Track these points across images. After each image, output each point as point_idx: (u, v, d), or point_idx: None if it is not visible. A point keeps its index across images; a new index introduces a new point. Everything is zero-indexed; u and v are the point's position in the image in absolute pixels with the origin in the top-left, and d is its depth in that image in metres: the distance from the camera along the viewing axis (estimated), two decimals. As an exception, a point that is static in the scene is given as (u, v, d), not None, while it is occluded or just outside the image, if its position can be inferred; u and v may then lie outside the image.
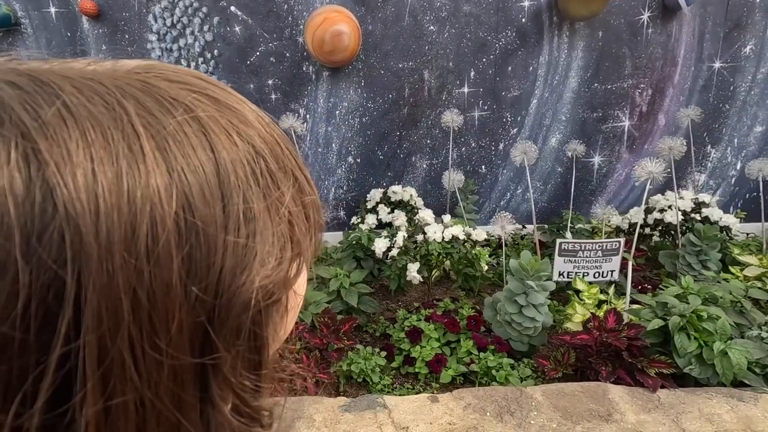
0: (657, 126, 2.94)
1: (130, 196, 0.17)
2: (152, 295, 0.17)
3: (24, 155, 0.16)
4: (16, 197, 0.15)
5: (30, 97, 0.18)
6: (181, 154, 0.19)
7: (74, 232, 0.16)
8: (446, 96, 2.91)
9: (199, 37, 2.73)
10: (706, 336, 1.40)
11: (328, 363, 1.60)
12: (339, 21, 2.49)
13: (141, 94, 0.20)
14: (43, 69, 0.20)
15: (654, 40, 2.82)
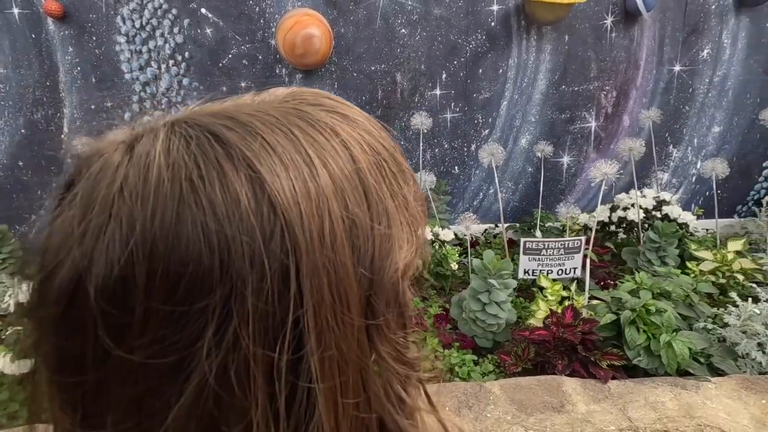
0: (622, 127, 3.04)
1: (318, 203, 0.23)
2: (338, 275, 0.23)
3: (250, 180, 0.23)
4: (253, 210, 0.22)
5: (241, 136, 0.24)
6: (336, 166, 0.25)
7: (290, 232, 0.22)
8: (419, 98, 2.96)
9: (170, 39, 2.72)
10: (654, 329, 1.48)
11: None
12: (310, 24, 2.51)
13: (299, 120, 0.26)
14: (236, 111, 0.26)
15: (617, 44, 2.91)
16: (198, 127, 0.24)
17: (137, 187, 0.22)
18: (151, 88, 2.77)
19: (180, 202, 0.22)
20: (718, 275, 2.25)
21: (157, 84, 2.77)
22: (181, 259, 0.21)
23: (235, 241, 0.21)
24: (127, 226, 0.22)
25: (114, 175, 0.23)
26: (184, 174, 0.22)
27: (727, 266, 2.26)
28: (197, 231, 0.21)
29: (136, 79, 2.74)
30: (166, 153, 0.23)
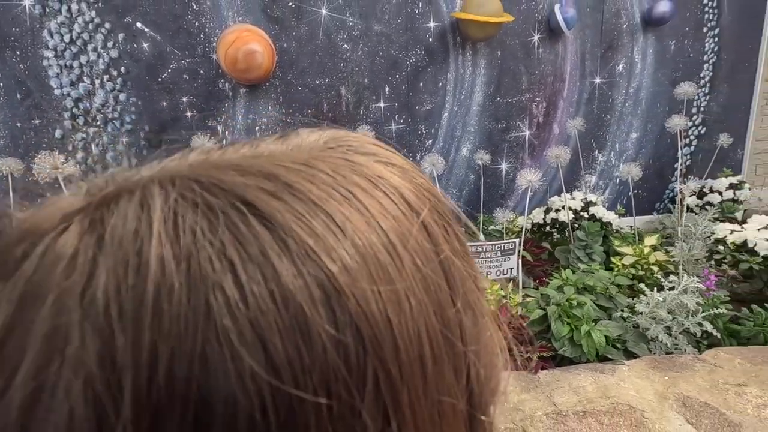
0: (552, 135, 3.29)
1: (412, 315, 0.16)
2: (444, 421, 0.17)
3: (320, 287, 0.15)
4: (333, 342, 0.15)
5: (291, 208, 0.16)
6: (418, 249, 0.18)
7: (387, 372, 0.15)
8: (363, 111, 3.05)
9: (103, 54, 2.63)
10: (576, 321, 1.64)
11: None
12: (251, 40, 2.53)
13: (357, 177, 0.18)
14: (270, 164, 0.18)
15: (544, 59, 3.16)
16: (222, 193, 0.16)
17: (129, 287, 0.14)
18: (84, 104, 2.66)
19: (206, 330, 0.14)
20: (638, 268, 2.49)
21: (91, 100, 2.67)
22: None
23: (306, 401, 0.14)
24: (102, 352, 0.13)
25: (71, 265, 0.14)
26: (212, 272, 0.14)
27: (644, 259, 2.50)
28: (237, 381, 0.14)
29: (66, 95, 2.62)
30: (172, 230, 0.15)
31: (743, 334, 1.89)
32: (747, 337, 1.88)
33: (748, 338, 1.88)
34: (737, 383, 1.56)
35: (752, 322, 1.90)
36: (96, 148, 2.73)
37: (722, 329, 1.89)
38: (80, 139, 2.70)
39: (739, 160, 3.60)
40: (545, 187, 3.37)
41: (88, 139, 2.71)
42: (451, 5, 2.98)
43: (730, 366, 1.66)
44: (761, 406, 1.45)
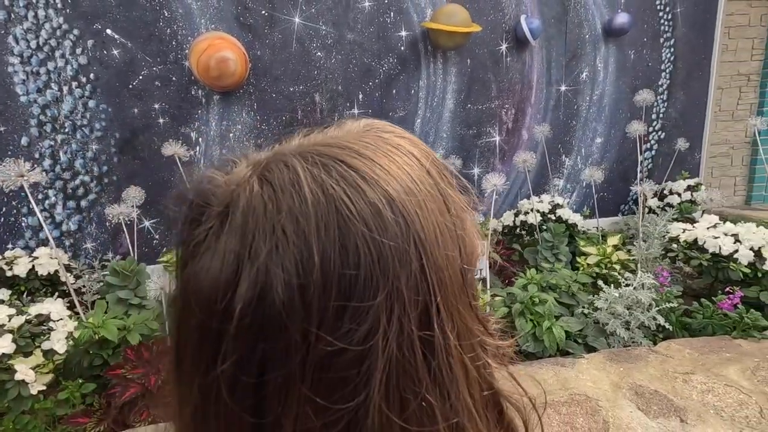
0: (521, 140, 3.41)
1: (427, 212, 0.28)
2: (452, 267, 0.29)
3: (383, 196, 0.27)
4: (392, 221, 0.27)
5: (363, 162, 0.28)
6: (424, 181, 0.29)
7: (418, 237, 0.27)
8: (338, 117, 3.09)
9: (72, 61, 2.60)
10: (538, 317, 1.72)
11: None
12: (223, 48, 2.55)
13: (387, 146, 0.30)
14: (345, 142, 0.29)
15: (512, 67, 3.28)
16: (328, 158, 0.28)
17: (300, 208, 0.25)
18: (52, 111, 2.62)
19: (339, 217, 0.25)
20: (601, 267, 2.61)
21: (59, 106, 2.63)
22: (352, 264, 0.25)
23: (385, 246, 0.26)
24: (298, 242, 0.25)
25: (266, 202, 0.26)
26: (336, 194, 0.26)
27: (607, 259, 2.63)
28: (359, 240, 0.25)
29: (33, 102, 2.58)
30: (313, 179, 0.26)
31: (694, 326, 2.01)
32: (697, 329, 2.01)
33: (698, 330, 2.01)
34: (685, 372, 1.67)
35: (702, 315, 2.02)
36: (64, 155, 2.69)
37: (675, 322, 2.01)
38: (48, 146, 2.65)
39: (696, 163, 3.81)
40: (516, 191, 3.49)
41: (56, 147, 2.66)
42: (421, 15, 3.07)
43: (680, 356, 1.78)
44: (705, 392, 1.55)
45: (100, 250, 2.84)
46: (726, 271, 2.19)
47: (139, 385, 1.33)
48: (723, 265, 2.20)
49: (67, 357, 1.53)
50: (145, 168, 2.83)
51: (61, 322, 1.42)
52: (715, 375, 1.67)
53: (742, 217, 3.36)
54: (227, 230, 0.26)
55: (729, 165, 3.94)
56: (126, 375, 1.34)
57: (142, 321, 1.68)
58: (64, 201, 2.73)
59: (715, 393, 1.56)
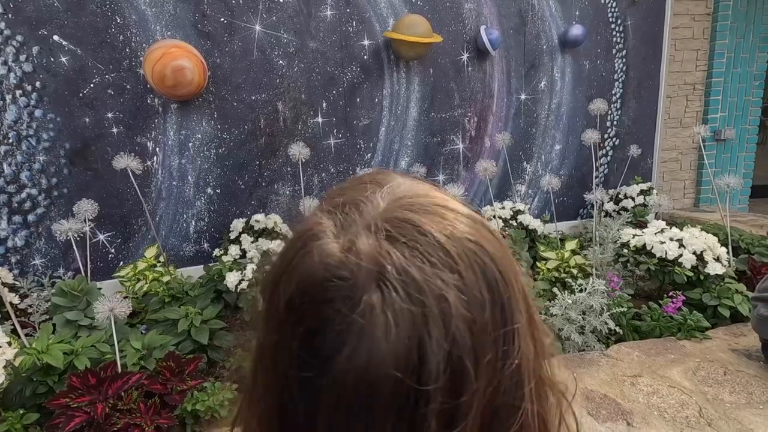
0: (484, 147, 3.49)
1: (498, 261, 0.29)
2: (527, 301, 0.31)
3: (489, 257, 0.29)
4: (498, 278, 0.29)
5: (430, 222, 0.29)
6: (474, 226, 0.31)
7: (511, 288, 0.29)
8: (302, 126, 3.07)
9: (15, 68, 2.47)
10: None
11: (173, 407, 1.60)
12: (179, 56, 2.48)
13: (442, 209, 0.31)
14: (414, 208, 0.30)
15: (474, 77, 3.35)
16: (404, 222, 0.29)
17: (450, 264, 0.27)
18: (-7, 121, 2.48)
19: (478, 259, 0.28)
20: (560, 271, 2.70)
21: (2, 116, 2.49)
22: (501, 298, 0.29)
23: (507, 293, 0.28)
24: (464, 303, 0.26)
25: (419, 266, 0.27)
26: (466, 238, 0.29)
27: (565, 263, 2.72)
28: (496, 275, 0.28)
29: (-28, 112, 2.43)
30: (440, 230, 0.28)
31: (643, 329, 2.11)
32: (646, 332, 2.11)
33: (647, 332, 2.11)
34: (633, 374, 1.75)
35: (650, 318, 2.13)
36: (8, 167, 2.54)
37: (626, 325, 2.10)
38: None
39: (648, 168, 4.00)
40: (480, 198, 3.56)
41: (-1, 159, 2.52)
42: (383, 25, 3.09)
43: (629, 359, 1.86)
44: (650, 394, 1.64)
45: (50, 267, 2.71)
46: (672, 275, 2.31)
47: (86, 414, 1.28)
48: (669, 269, 2.32)
49: (8, 386, 1.45)
50: (98, 179, 2.72)
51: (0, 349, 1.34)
52: (660, 377, 1.76)
53: (691, 219, 3.56)
54: (390, 304, 0.25)
55: (678, 170, 4.16)
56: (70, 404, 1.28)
57: (92, 343, 1.61)
58: (9, 215, 2.59)
59: (659, 395, 1.65)
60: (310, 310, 0.27)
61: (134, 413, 1.41)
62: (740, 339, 2.02)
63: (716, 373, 1.77)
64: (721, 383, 1.70)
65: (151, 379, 1.56)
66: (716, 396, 1.63)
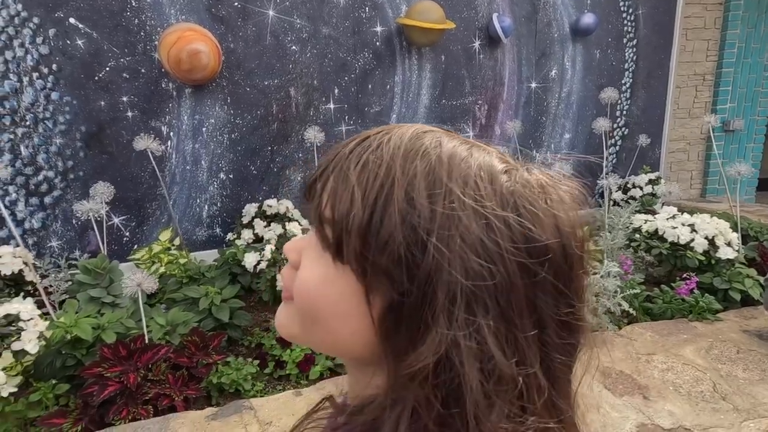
0: (494, 135, 3.50)
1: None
2: None
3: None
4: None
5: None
6: None
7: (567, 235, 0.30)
8: (313, 112, 3.09)
9: (32, 50, 2.48)
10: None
11: (199, 380, 1.63)
12: (195, 40, 2.49)
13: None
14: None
15: (485, 65, 3.36)
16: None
17: None
18: (11, 103, 2.49)
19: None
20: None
21: (19, 98, 2.51)
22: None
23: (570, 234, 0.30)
24: None
25: None
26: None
27: (575, 249, 2.74)
28: None
29: (-10, 94, 2.45)
30: None
31: (655, 311, 2.14)
32: (658, 313, 2.14)
33: (659, 314, 2.14)
34: (647, 353, 1.78)
35: (662, 300, 2.16)
36: (26, 149, 2.56)
37: (638, 308, 2.13)
38: (7, 140, 2.53)
39: (657, 158, 4.01)
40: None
41: (16, 140, 2.54)
42: (396, 11, 3.10)
43: (643, 339, 1.89)
44: (665, 371, 1.67)
45: (66, 249, 2.74)
46: (683, 259, 2.33)
47: (118, 383, 1.31)
48: (681, 254, 2.35)
49: (38, 358, 1.48)
50: (113, 163, 2.74)
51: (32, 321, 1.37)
52: (674, 355, 1.79)
53: (698, 209, 3.58)
54: None
55: (686, 160, 4.17)
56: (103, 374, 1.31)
57: (117, 319, 1.64)
58: (26, 197, 2.61)
59: (674, 371, 1.68)
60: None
61: (163, 384, 1.44)
62: (751, 321, 2.05)
63: (729, 351, 1.80)
64: (735, 361, 1.73)
65: (177, 352, 1.59)
66: (730, 372, 1.66)
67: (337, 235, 0.30)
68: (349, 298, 0.31)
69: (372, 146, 0.31)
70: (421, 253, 0.28)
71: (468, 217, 0.28)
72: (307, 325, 0.33)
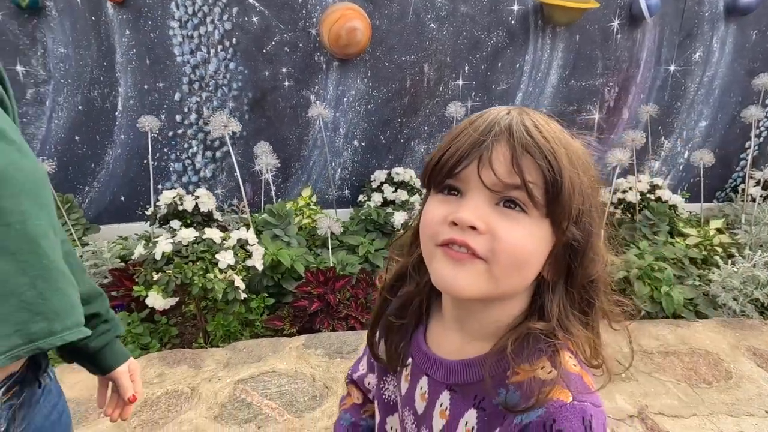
0: (621, 119, 3.41)
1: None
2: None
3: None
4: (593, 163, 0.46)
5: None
6: None
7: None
8: (443, 87, 3.26)
9: (219, 26, 2.93)
10: (656, 282, 1.86)
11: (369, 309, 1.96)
12: (353, 18, 2.77)
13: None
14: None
15: (621, 45, 3.26)
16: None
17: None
18: (200, 71, 2.98)
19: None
20: (701, 248, 2.66)
21: (206, 67, 2.99)
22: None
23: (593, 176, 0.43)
24: None
25: None
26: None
27: (708, 241, 2.66)
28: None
29: (186, 62, 2.96)
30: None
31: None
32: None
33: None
34: (800, 344, 1.76)
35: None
36: (207, 110, 3.07)
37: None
38: (194, 102, 3.04)
39: (807, 154, 3.62)
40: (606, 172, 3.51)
41: (201, 103, 3.04)
42: (536, -11, 3.11)
43: (793, 331, 1.86)
44: (822, 362, 1.65)
45: (227, 196, 3.26)
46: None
47: (321, 302, 1.65)
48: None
49: (251, 276, 1.88)
50: (269, 126, 3.16)
51: (255, 246, 1.75)
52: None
53: None
54: None
55: None
56: (312, 291, 1.66)
57: (301, 254, 2.01)
58: (203, 151, 3.14)
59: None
60: None
61: (349, 308, 1.77)
62: None
63: None
64: None
65: (353, 286, 1.92)
66: None
67: (548, 195, 0.39)
68: (545, 243, 0.41)
69: (532, 123, 0.41)
70: (585, 209, 0.41)
71: (586, 167, 0.43)
72: (505, 277, 0.40)
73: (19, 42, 2.73)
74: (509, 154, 0.39)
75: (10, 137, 0.53)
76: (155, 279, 1.61)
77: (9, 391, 0.54)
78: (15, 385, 0.54)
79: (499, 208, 0.39)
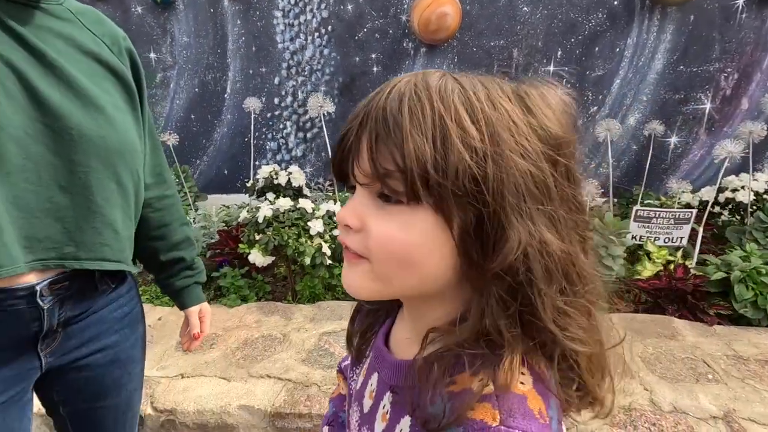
0: (739, 109, 3.04)
1: None
2: None
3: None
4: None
5: None
6: None
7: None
8: (531, 73, 3.16)
9: (317, 14, 3.14)
10: (762, 287, 1.67)
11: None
12: (444, 3, 2.79)
13: None
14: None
15: (747, 25, 2.89)
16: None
17: None
18: (297, 57, 3.23)
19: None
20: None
21: (303, 53, 3.22)
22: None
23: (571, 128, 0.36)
24: None
25: None
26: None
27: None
28: None
29: (286, 49, 3.21)
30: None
31: None
32: None
33: None
34: None
35: None
36: (301, 94, 3.31)
37: None
38: (291, 86, 3.30)
39: None
40: (713, 170, 3.16)
41: (296, 87, 3.30)
42: (646, -34, 2.87)
43: None
44: None
45: (315, 175, 3.50)
46: None
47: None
48: None
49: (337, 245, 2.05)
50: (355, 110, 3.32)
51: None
52: None
53: None
54: None
55: None
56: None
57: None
58: (296, 132, 3.40)
59: None
60: None
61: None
62: None
63: None
64: None
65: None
66: None
67: (410, 180, 0.32)
68: (431, 233, 0.33)
69: (399, 97, 0.34)
70: (485, 167, 0.31)
71: (503, 128, 0.32)
72: (390, 276, 0.35)
73: (153, 33, 3.18)
74: (368, 142, 0.34)
75: (108, 113, 0.69)
76: (257, 239, 1.83)
77: (58, 284, 0.68)
78: (65, 281, 0.70)
79: (379, 202, 0.35)
